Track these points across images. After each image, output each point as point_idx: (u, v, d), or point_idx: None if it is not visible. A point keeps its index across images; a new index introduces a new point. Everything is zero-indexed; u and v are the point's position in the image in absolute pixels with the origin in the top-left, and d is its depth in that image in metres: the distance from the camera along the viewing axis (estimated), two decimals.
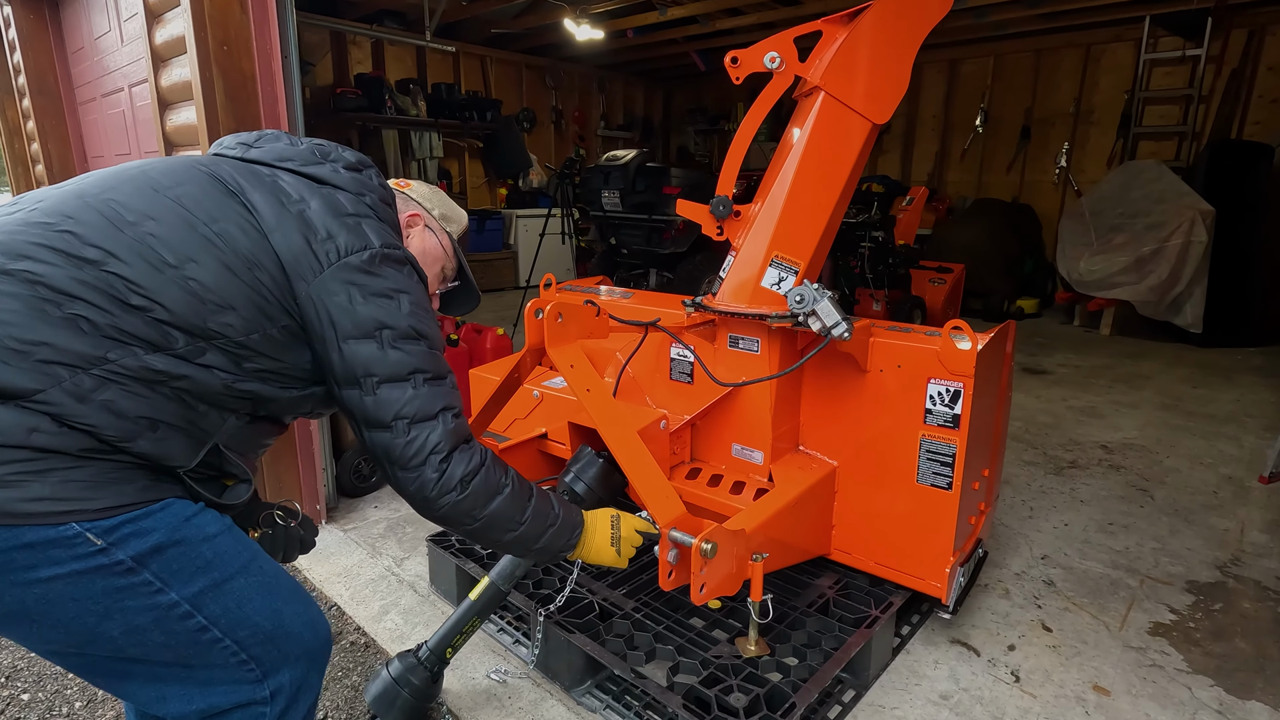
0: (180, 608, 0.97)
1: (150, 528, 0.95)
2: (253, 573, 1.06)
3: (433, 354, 1.14)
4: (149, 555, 0.94)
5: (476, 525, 1.16)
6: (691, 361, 1.97)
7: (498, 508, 1.16)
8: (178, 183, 1.05)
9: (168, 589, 0.96)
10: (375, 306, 1.09)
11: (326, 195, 1.13)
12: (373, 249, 1.11)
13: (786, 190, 1.70)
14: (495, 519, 1.16)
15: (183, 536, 0.98)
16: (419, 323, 1.13)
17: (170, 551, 0.97)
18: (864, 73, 1.64)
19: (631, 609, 1.80)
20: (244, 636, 1.03)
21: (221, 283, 1.01)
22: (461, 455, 1.12)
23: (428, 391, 1.10)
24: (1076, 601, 2.12)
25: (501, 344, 3.56)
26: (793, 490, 1.74)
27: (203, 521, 1.02)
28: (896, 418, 1.77)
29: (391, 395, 1.07)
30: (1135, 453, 3.34)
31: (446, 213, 1.44)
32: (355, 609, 2.11)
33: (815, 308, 1.59)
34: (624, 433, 1.48)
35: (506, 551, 1.29)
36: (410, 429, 1.08)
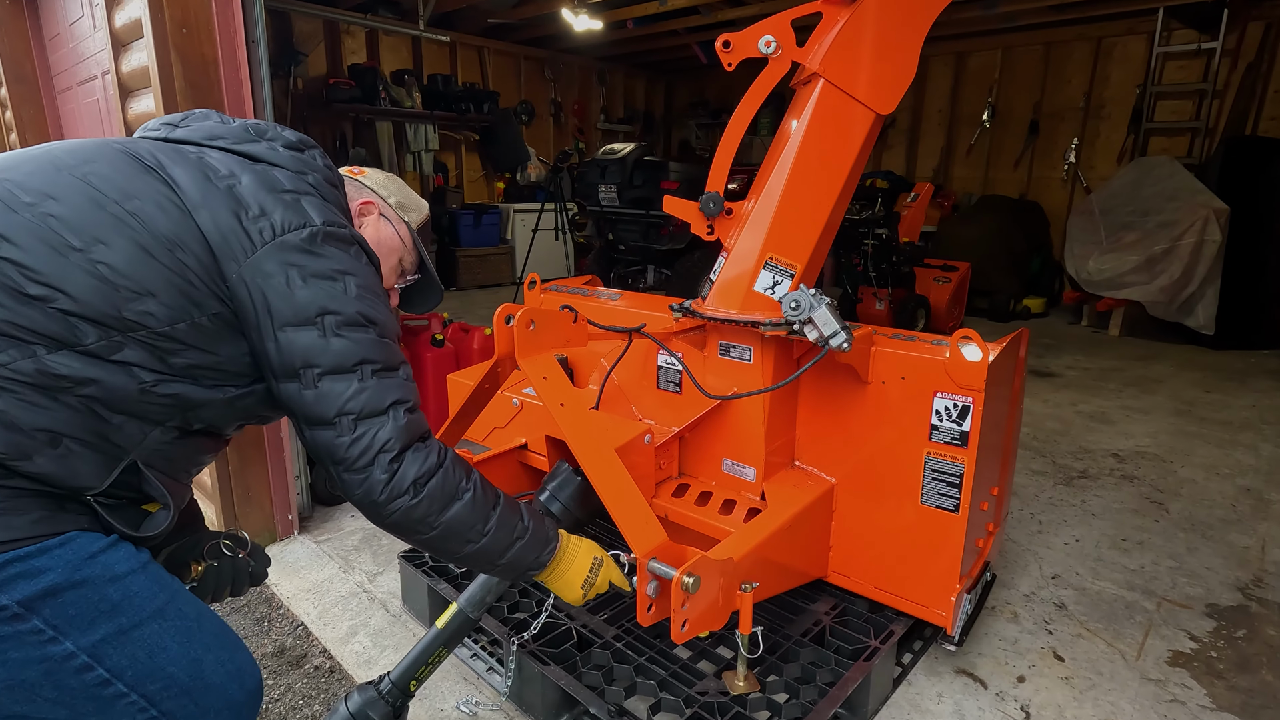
0: (77, 659, 0.85)
1: (43, 567, 0.83)
2: (169, 616, 0.93)
3: (382, 342, 1.02)
4: (40, 599, 0.83)
5: (433, 534, 1.04)
6: (680, 370, 1.84)
7: (456, 515, 1.04)
8: (85, 160, 0.94)
9: (62, 638, 0.84)
10: (316, 289, 0.97)
11: (261, 171, 1.01)
12: (313, 226, 0.99)
13: (782, 186, 1.56)
14: (453, 527, 1.05)
15: (84, 577, 0.86)
16: (367, 307, 1.01)
17: (68, 595, 0.85)
18: (867, 58, 1.50)
19: (612, 637, 1.68)
20: (155, 690, 0.91)
21: (137, 266, 0.89)
22: (415, 455, 1.01)
23: (376, 384, 0.99)
24: (1090, 627, 1.99)
25: (490, 345, 3.43)
26: (787, 511, 1.61)
27: (111, 559, 0.89)
28: (899, 434, 1.64)
29: (335, 388, 0.96)
30: (1148, 462, 3.21)
31: (404, 200, 1.31)
32: (322, 629, 1.99)
33: (812, 315, 1.45)
34: (600, 452, 1.35)
35: (468, 566, 1.17)
36: (356, 425, 0.97)
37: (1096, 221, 6.01)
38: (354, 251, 1.04)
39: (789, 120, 1.63)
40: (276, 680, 1.81)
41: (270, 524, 2.41)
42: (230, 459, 2.24)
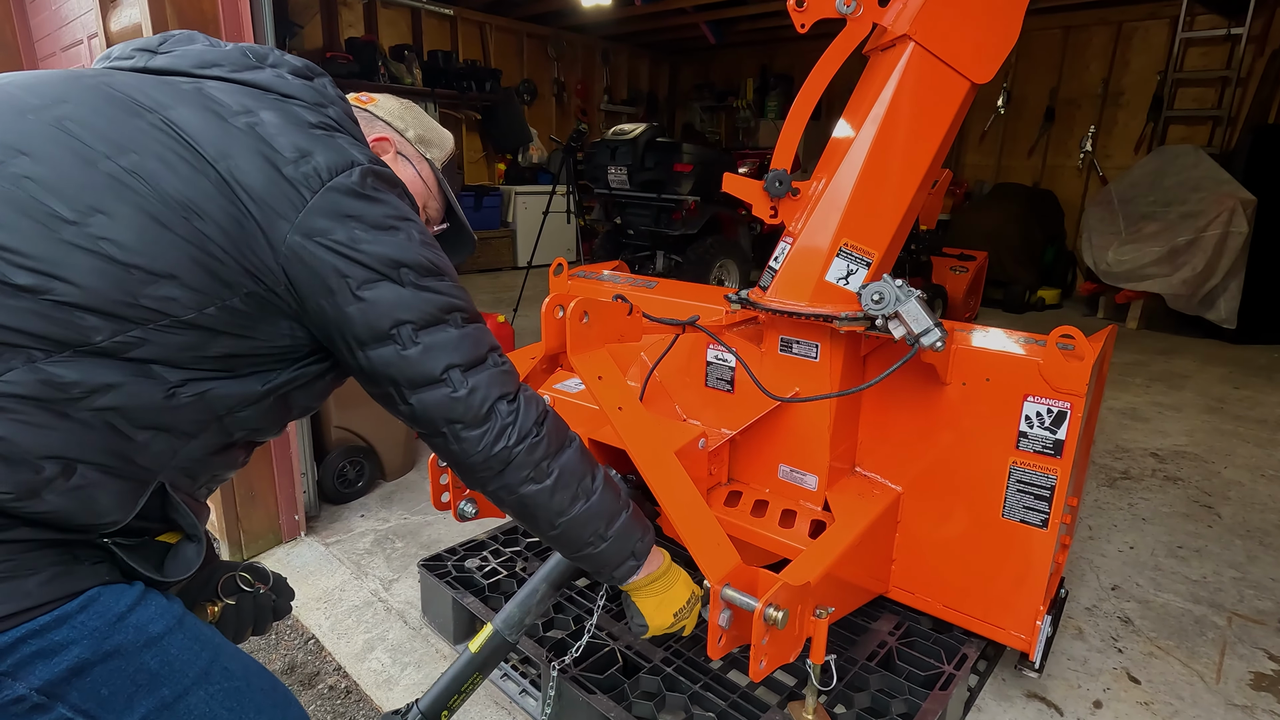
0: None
1: (65, 641, 0.68)
2: (215, 679, 0.78)
3: (460, 289, 0.92)
4: (65, 682, 0.68)
5: (546, 483, 0.94)
6: (733, 367, 1.68)
7: (569, 461, 0.97)
8: (55, 100, 0.74)
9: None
10: (383, 242, 0.83)
11: (277, 104, 0.84)
12: (361, 165, 0.84)
13: (861, 164, 1.39)
14: (564, 476, 0.96)
15: (116, 646, 0.71)
16: (435, 255, 0.89)
17: (98, 671, 0.69)
18: (967, 20, 1.33)
19: (661, 661, 1.52)
20: None
21: (149, 241, 0.71)
22: (527, 396, 0.94)
23: (473, 332, 0.90)
24: (1161, 645, 1.86)
25: (503, 333, 3.25)
26: (857, 525, 1.46)
27: (143, 618, 0.73)
28: (980, 440, 1.48)
29: (436, 341, 0.86)
30: (1189, 462, 3.08)
31: (425, 134, 1.12)
32: (335, 643, 1.83)
33: (899, 309, 1.29)
34: (665, 464, 1.19)
35: (567, 540, 1.02)
36: (468, 377, 0.88)
37: (1115, 211, 5.87)
38: (400, 192, 0.90)
39: (866, 90, 1.46)
40: None
41: (275, 525, 2.24)
42: None
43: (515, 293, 5.60)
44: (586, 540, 1.03)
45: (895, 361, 1.53)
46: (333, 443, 2.47)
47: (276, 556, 2.20)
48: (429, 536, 2.31)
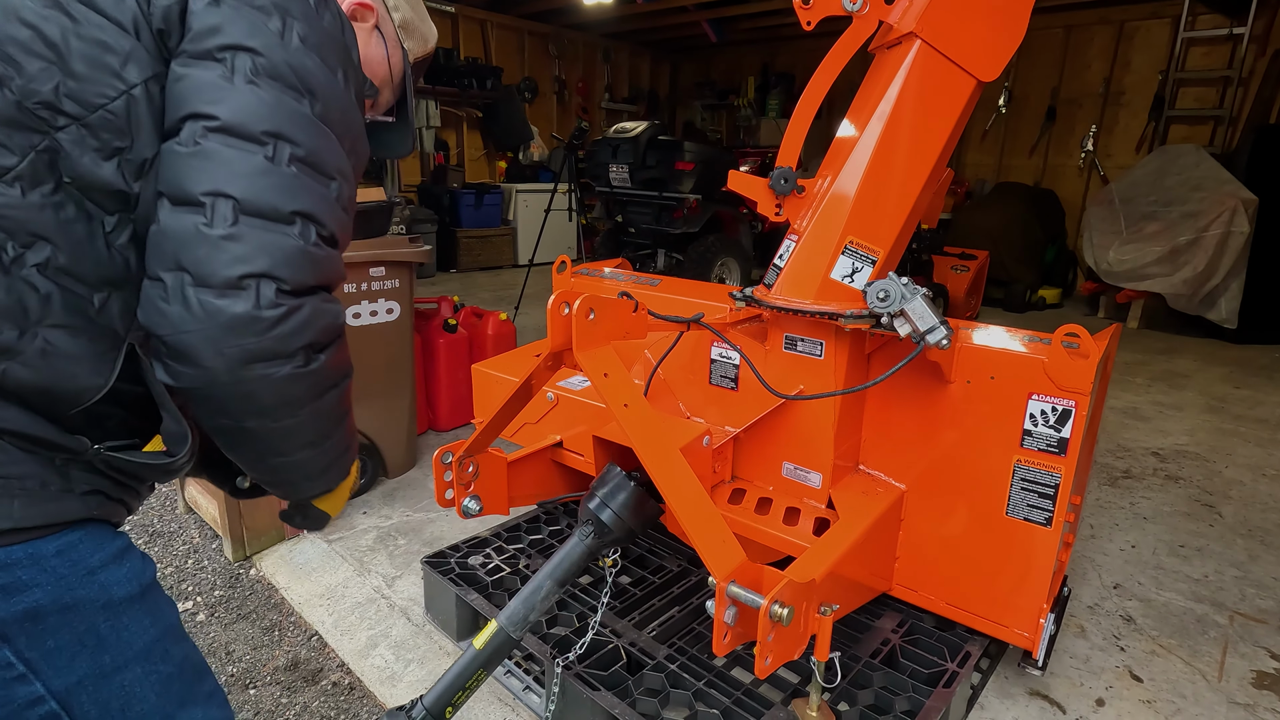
0: (44, 706, 0.68)
1: (30, 581, 0.66)
2: (154, 659, 0.76)
3: (317, 126, 0.72)
4: (18, 622, 0.66)
5: (277, 426, 0.73)
6: (737, 364, 1.68)
7: (334, 399, 0.77)
8: None
9: (33, 676, 0.67)
10: (241, 15, 0.69)
11: None
12: None
13: (867, 161, 1.39)
14: (320, 417, 0.76)
15: (76, 600, 0.69)
16: (312, 67, 0.72)
17: (52, 620, 0.67)
18: (973, 18, 1.33)
19: (665, 657, 1.53)
20: None
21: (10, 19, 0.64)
22: (320, 305, 0.71)
23: (293, 175, 0.69)
24: (1163, 643, 1.86)
25: (504, 330, 3.26)
26: (861, 523, 1.46)
27: (110, 578, 0.72)
28: (984, 438, 1.49)
29: (224, 154, 0.66)
30: (1191, 461, 3.08)
31: (411, 21, 1.04)
32: (339, 640, 1.83)
33: (905, 307, 1.29)
34: (671, 461, 1.19)
35: (266, 475, 0.82)
36: (236, 220, 0.65)
37: (1116, 211, 5.87)
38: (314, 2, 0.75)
39: (871, 88, 1.46)
40: (292, 698, 1.65)
41: (278, 522, 2.24)
42: None
43: (516, 290, 5.60)
44: (280, 480, 0.85)
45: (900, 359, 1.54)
46: None
47: (279, 553, 2.20)
48: (431, 534, 2.31)
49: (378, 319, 2.47)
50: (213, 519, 2.27)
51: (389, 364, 2.55)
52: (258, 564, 2.16)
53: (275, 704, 1.64)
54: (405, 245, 2.47)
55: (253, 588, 2.07)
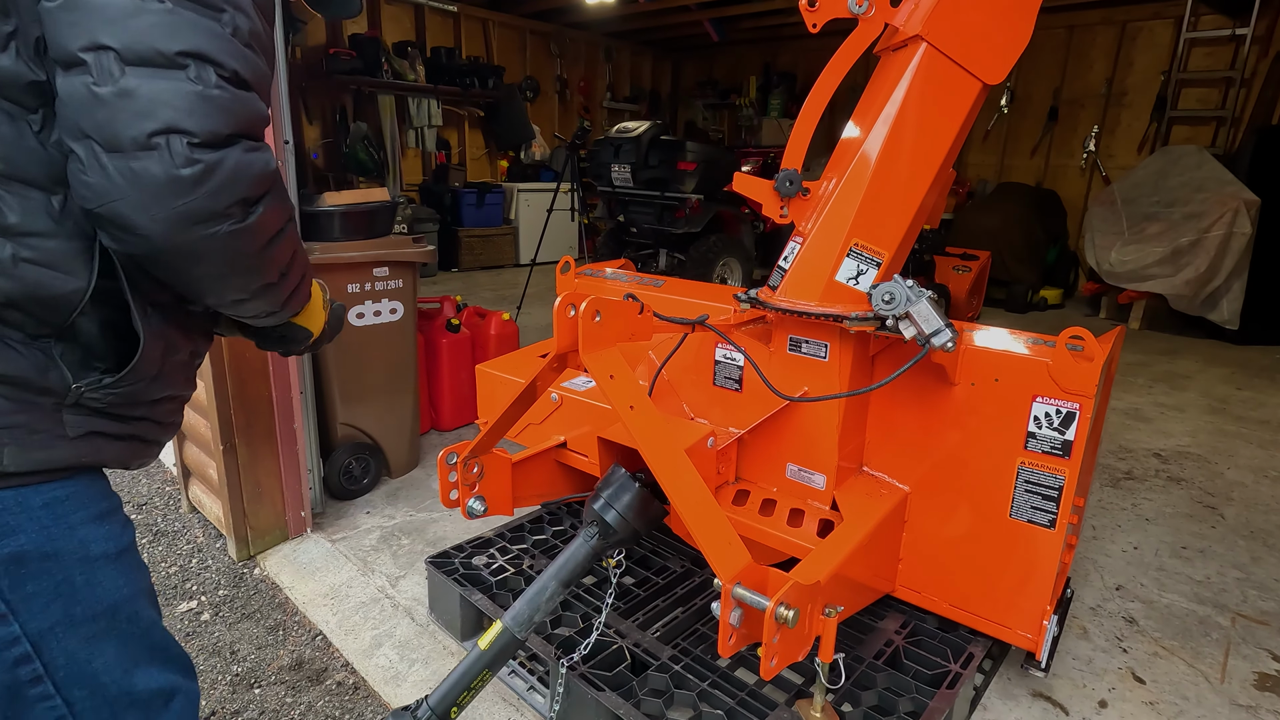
0: (19, 647, 0.72)
1: (17, 527, 0.70)
2: (120, 618, 0.79)
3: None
4: (3, 564, 0.70)
5: (232, 276, 0.73)
6: (741, 366, 1.68)
7: (274, 251, 0.75)
8: None
9: (12, 617, 0.71)
10: None
11: None
12: None
13: (873, 164, 1.39)
14: (266, 263, 0.75)
15: (57, 550, 0.73)
16: None
17: (33, 566, 0.71)
18: (979, 21, 1.33)
19: (669, 658, 1.53)
20: (80, 697, 0.76)
21: None
22: (243, 155, 0.66)
23: (168, 12, 0.61)
24: (1166, 645, 1.87)
25: (507, 330, 3.26)
26: (866, 525, 1.46)
27: (90, 535, 0.76)
28: (988, 440, 1.49)
29: (92, 1, 0.60)
30: (1192, 463, 3.09)
31: None
32: (343, 640, 1.84)
33: (910, 310, 1.30)
34: (677, 463, 1.19)
35: (231, 309, 0.81)
36: (121, 74, 0.60)
37: (1118, 212, 5.87)
38: None
39: (877, 90, 1.46)
40: (296, 698, 1.66)
41: (281, 521, 2.25)
42: (240, 453, 2.07)
43: (517, 290, 5.60)
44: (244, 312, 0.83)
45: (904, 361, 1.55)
46: (338, 439, 2.47)
47: (283, 553, 2.20)
48: (435, 534, 2.32)
49: (381, 319, 2.47)
50: (216, 518, 2.27)
51: (392, 364, 2.56)
52: (261, 563, 2.17)
53: (280, 704, 1.64)
54: (409, 245, 2.48)
55: (257, 587, 2.07)
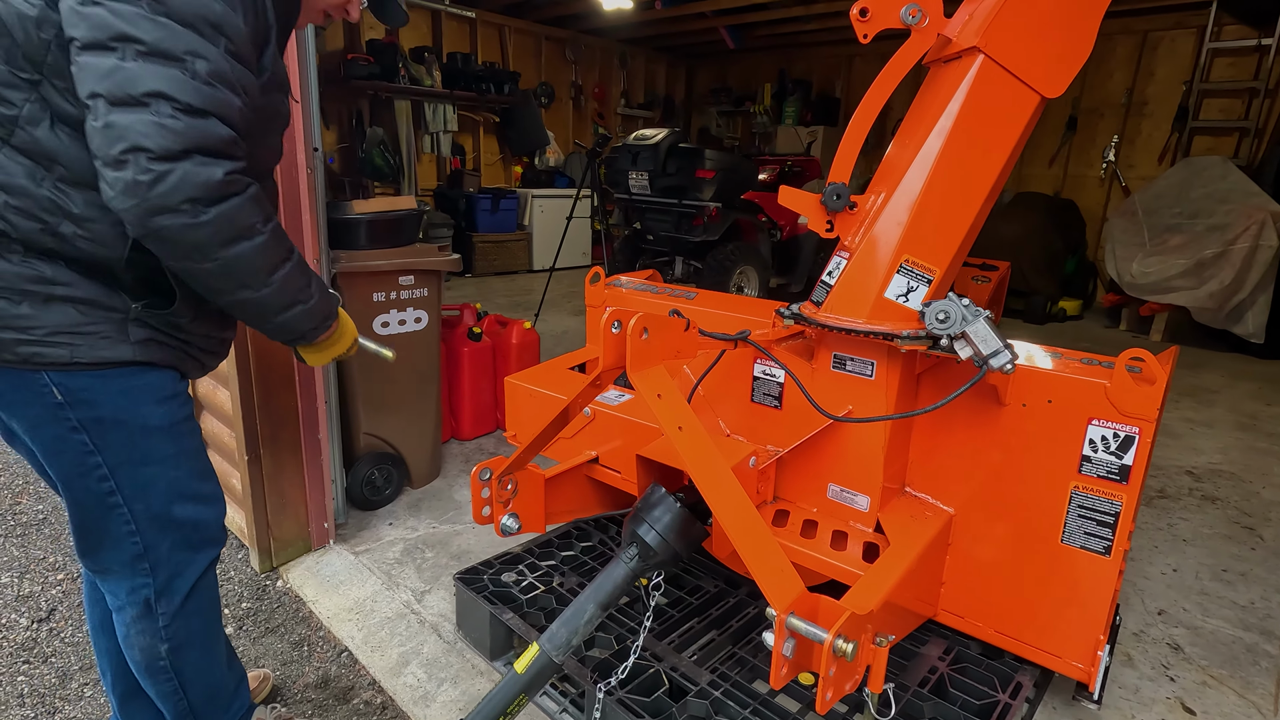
0: (100, 469, 1.10)
1: (99, 400, 1.06)
2: (167, 465, 1.16)
3: (153, 19, 0.87)
4: (91, 423, 1.07)
5: (208, 266, 0.98)
6: (781, 382, 1.64)
7: (241, 254, 0.99)
8: None
9: (96, 453, 1.09)
10: None
11: None
12: None
13: (925, 178, 1.36)
14: (234, 268, 0.99)
15: (124, 419, 1.09)
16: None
17: (109, 426, 1.08)
18: (1039, 32, 1.30)
19: (708, 683, 1.49)
20: (139, 510, 1.15)
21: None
22: (192, 167, 0.90)
23: (136, 68, 0.87)
24: (1214, 674, 1.81)
25: (528, 339, 3.23)
26: (913, 549, 1.42)
27: (149, 414, 1.11)
28: (1039, 463, 1.45)
29: (91, 63, 0.87)
30: (1226, 481, 3.02)
31: None
32: (370, 657, 1.80)
33: (966, 329, 1.26)
34: (728, 487, 1.16)
35: (235, 313, 1.13)
36: (109, 112, 0.87)
37: (1140, 223, 5.80)
38: None
39: (929, 102, 1.42)
40: (324, 718, 1.62)
41: (305, 533, 2.22)
42: (265, 463, 2.04)
43: (531, 296, 5.58)
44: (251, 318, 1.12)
45: (954, 380, 1.50)
46: (361, 449, 2.44)
47: (306, 565, 2.17)
48: (459, 546, 2.28)
49: (406, 328, 2.45)
50: (239, 530, 2.25)
51: (416, 374, 2.53)
52: (284, 575, 2.14)
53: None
54: (434, 254, 2.45)
55: (280, 600, 2.04)
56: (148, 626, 1.22)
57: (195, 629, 1.27)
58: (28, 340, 0.99)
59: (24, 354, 1.00)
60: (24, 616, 1.94)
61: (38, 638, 1.86)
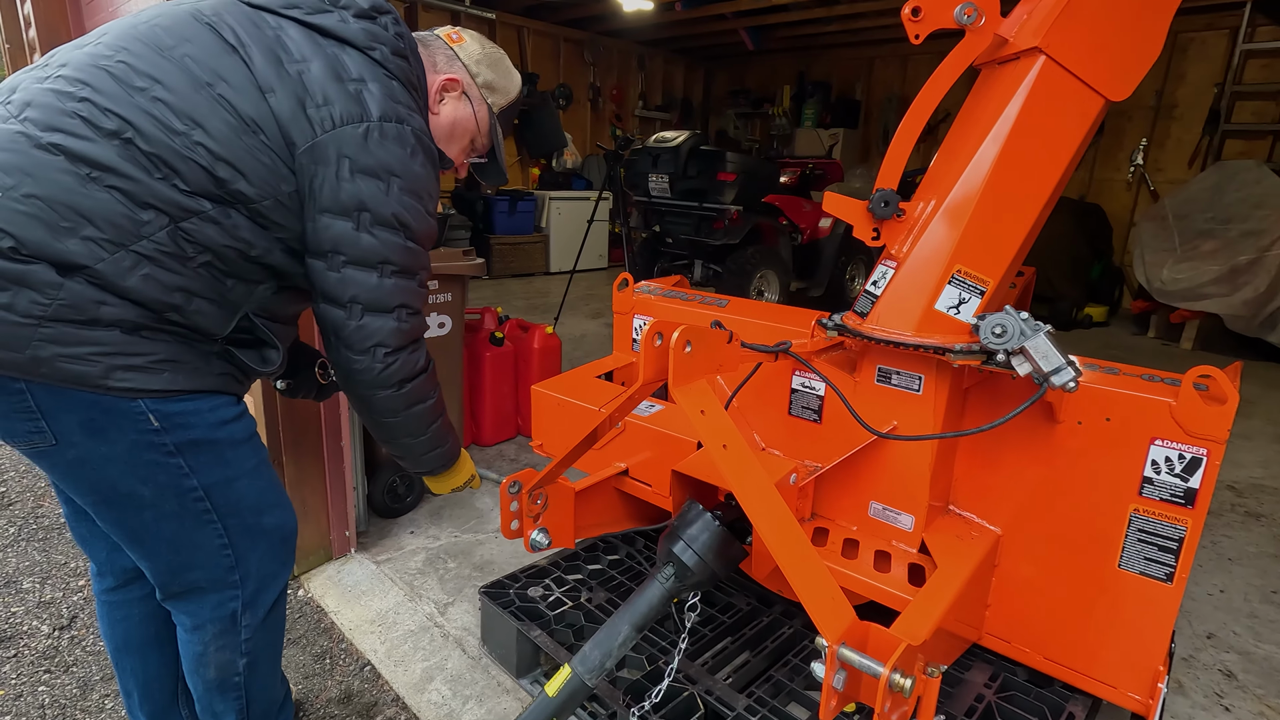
0: (196, 491, 1.12)
1: (193, 423, 1.09)
2: (254, 477, 1.20)
3: (408, 248, 1.12)
4: (187, 446, 1.09)
5: (390, 421, 1.23)
6: (821, 395, 1.59)
7: (414, 413, 1.23)
8: (182, 39, 1.03)
9: (192, 474, 1.11)
10: (361, 185, 1.06)
11: (330, 56, 1.07)
12: (369, 121, 1.06)
13: (981, 185, 1.29)
14: (406, 423, 1.23)
15: (216, 438, 1.12)
16: (404, 210, 1.10)
17: (203, 447, 1.11)
18: (1105, 32, 1.23)
19: (745, 709, 1.43)
20: (232, 524, 1.17)
21: (229, 146, 1.01)
22: (410, 356, 1.17)
23: (391, 285, 1.11)
24: (1270, 704, 1.73)
25: (550, 344, 3.19)
26: (963, 572, 1.35)
27: (235, 429, 1.15)
28: (1096, 484, 1.38)
29: (355, 277, 1.09)
30: (1269, 496, 2.92)
31: (493, 81, 1.33)
32: (393, 671, 1.76)
33: (1025, 344, 1.19)
34: (778, 512, 1.10)
35: (385, 445, 1.32)
36: (363, 315, 1.11)
37: (1170, 228, 5.67)
38: (410, 149, 1.10)
39: (982, 106, 1.36)
40: None
41: (326, 541, 2.19)
42: (288, 470, 2.01)
43: (548, 298, 5.54)
44: (395, 451, 1.32)
45: (1003, 395, 1.44)
46: (383, 456, 2.41)
47: (327, 574, 2.14)
48: (481, 556, 2.24)
49: (429, 334, 2.41)
50: None
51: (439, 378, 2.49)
52: (306, 584, 2.10)
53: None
54: (459, 258, 2.42)
55: (301, 610, 2.01)
56: (229, 642, 1.23)
57: (270, 642, 1.31)
58: (130, 366, 1.00)
59: (123, 379, 1.00)
60: (45, 623, 1.92)
61: (59, 646, 1.84)
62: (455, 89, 1.28)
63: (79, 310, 0.94)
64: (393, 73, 1.11)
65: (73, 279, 0.93)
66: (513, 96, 1.37)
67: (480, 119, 1.32)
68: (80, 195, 0.93)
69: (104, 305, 0.95)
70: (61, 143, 0.93)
